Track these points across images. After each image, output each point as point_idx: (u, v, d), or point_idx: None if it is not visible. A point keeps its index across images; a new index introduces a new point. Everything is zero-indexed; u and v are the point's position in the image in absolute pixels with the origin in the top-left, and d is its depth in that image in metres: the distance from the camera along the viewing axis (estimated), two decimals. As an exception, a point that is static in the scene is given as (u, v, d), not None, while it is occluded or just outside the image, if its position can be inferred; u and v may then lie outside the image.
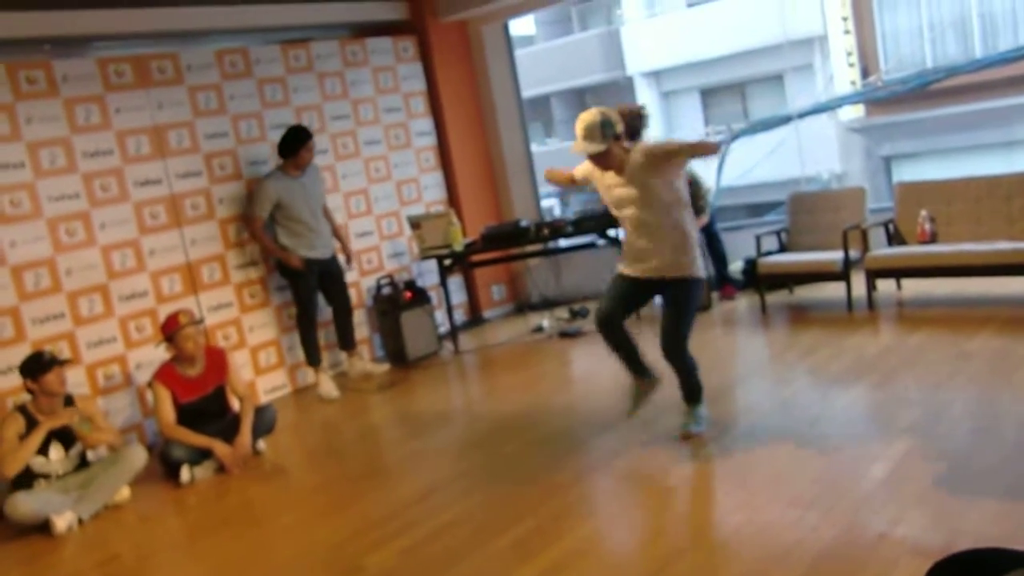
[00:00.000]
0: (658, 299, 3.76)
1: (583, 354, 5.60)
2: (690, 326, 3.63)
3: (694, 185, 6.15)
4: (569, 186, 3.88)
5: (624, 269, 3.70)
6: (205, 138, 5.32)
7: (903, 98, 11.91)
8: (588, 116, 3.47)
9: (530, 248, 6.36)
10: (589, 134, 3.44)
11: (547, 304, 6.92)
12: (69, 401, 4.09)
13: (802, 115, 11.27)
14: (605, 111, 3.47)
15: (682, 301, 3.59)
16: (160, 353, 4.52)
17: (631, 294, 3.68)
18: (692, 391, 3.74)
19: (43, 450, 3.97)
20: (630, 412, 3.84)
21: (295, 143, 5.17)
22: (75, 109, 4.78)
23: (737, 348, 5.31)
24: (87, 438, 4.06)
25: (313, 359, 5.44)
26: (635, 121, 3.58)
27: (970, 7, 12.07)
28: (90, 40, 5.18)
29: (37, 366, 3.94)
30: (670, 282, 3.59)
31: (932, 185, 5.48)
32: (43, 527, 3.83)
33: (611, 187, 3.61)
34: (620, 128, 3.48)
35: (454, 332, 6.19)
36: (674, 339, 3.60)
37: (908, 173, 12.55)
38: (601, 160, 3.52)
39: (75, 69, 4.80)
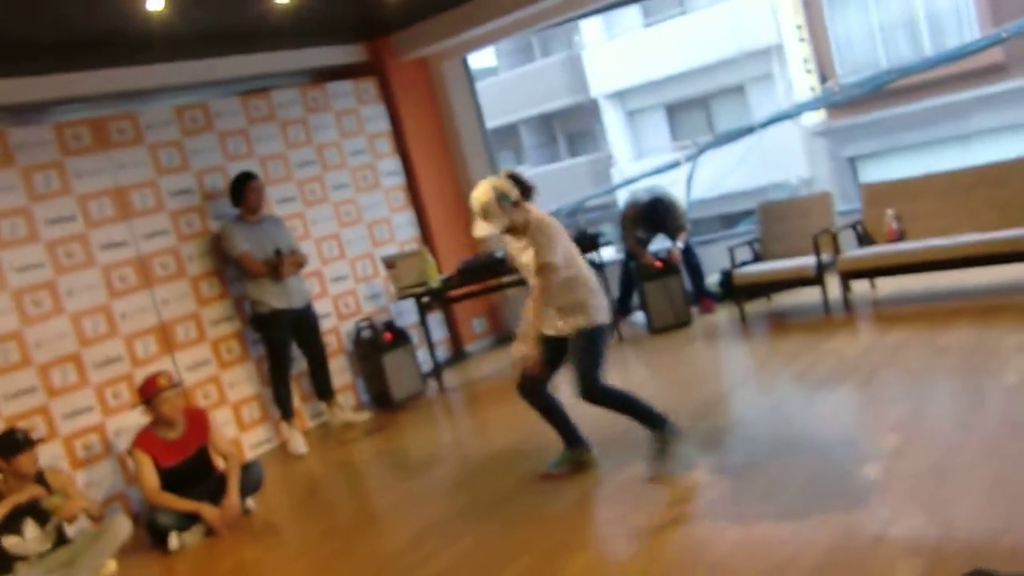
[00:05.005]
0: None
1: (567, 382, 5.55)
2: (598, 367, 3.53)
3: (671, 207, 6.20)
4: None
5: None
6: (169, 196, 5.29)
7: (861, 100, 12.13)
8: (481, 195, 3.34)
9: (507, 279, 6.34)
10: (486, 213, 3.34)
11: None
12: (39, 477, 3.95)
13: (765, 124, 11.42)
14: (495, 183, 3.36)
15: (581, 349, 3.52)
16: (139, 418, 4.44)
17: (548, 354, 3.63)
18: (644, 418, 3.56)
19: (17, 529, 3.82)
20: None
21: (239, 186, 5.19)
22: (33, 177, 4.72)
23: (720, 360, 5.30)
24: (60, 510, 3.88)
25: (285, 412, 5.36)
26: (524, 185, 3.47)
27: (916, 7, 12.36)
28: (46, 105, 5.14)
29: (9, 446, 3.80)
30: (571, 335, 3.56)
31: (896, 184, 5.56)
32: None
33: (515, 251, 3.57)
34: (515, 194, 3.36)
35: (438, 370, 6.15)
36: (584, 384, 3.50)
37: (872, 172, 12.74)
38: (508, 232, 3.46)
39: (31, 136, 4.75)
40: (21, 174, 4.68)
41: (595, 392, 3.52)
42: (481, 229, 3.39)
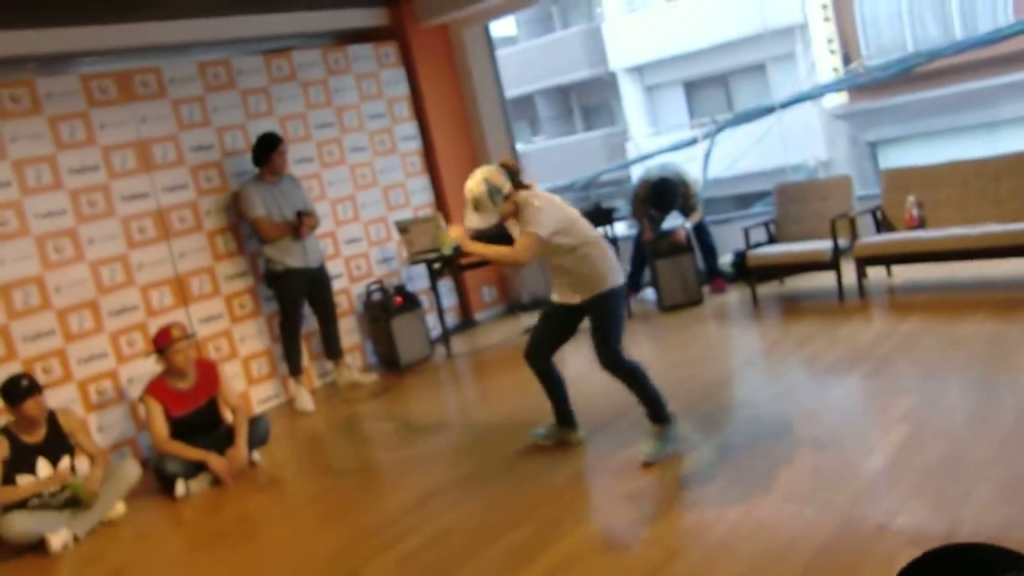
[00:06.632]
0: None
1: (574, 353, 5.54)
2: (619, 336, 3.54)
3: (683, 186, 6.12)
4: None
5: (553, 296, 3.70)
6: (190, 151, 5.30)
7: (886, 83, 11.94)
8: (474, 187, 3.37)
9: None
10: (478, 205, 3.37)
11: (537, 304, 6.89)
12: (52, 418, 4.04)
13: (785, 104, 11.29)
14: (489, 176, 3.37)
15: (599, 317, 3.52)
16: (152, 366, 4.50)
17: (560, 323, 3.68)
18: (653, 408, 3.53)
19: (31, 468, 3.93)
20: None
21: (267, 149, 5.18)
22: (60, 126, 4.76)
23: (730, 341, 5.31)
24: (88, 493, 3.95)
25: (295, 369, 5.42)
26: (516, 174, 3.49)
27: (949, -10, 12.13)
28: (73, 57, 5.16)
29: (14, 394, 3.87)
30: (587, 304, 3.55)
31: (918, 170, 5.49)
32: (39, 546, 3.81)
33: (516, 234, 3.56)
34: (507, 188, 3.39)
35: (446, 336, 6.18)
36: (605, 352, 3.51)
37: (893, 158, 12.59)
38: (502, 222, 3.50)
39: (58, 86, 4.78)
40: (48, 123, 4.72)
41: (615, 361, 3.53)
42: (472, 221, 3.42)
